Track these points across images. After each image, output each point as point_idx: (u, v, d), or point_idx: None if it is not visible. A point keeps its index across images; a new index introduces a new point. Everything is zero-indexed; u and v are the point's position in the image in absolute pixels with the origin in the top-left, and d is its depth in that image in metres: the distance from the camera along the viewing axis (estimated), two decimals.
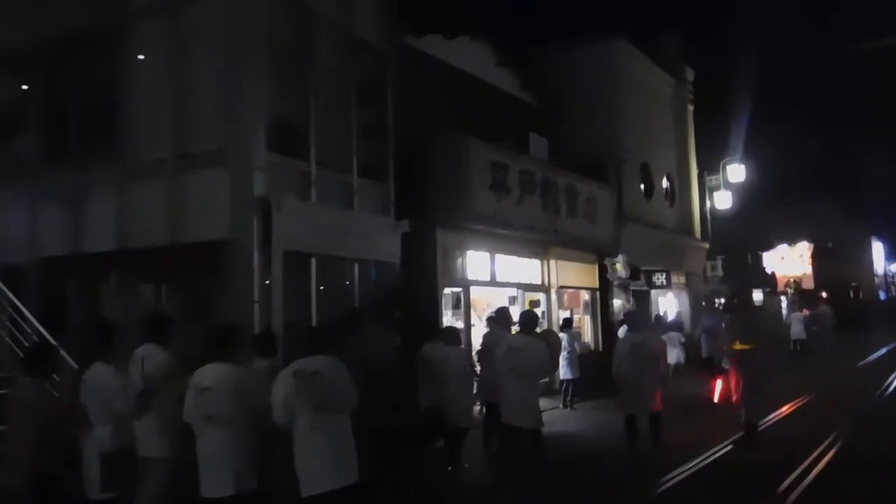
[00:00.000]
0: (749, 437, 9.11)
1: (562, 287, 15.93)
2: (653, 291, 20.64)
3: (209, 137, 9.29)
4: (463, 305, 13.12)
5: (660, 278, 20.63)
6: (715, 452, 9.11)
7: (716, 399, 9.80)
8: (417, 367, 8.57)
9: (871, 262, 49.36)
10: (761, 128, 29.44)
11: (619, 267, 17.75)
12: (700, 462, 8.73)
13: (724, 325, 9.90)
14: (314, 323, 9.42)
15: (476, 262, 13.47)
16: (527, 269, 15.03)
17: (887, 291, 51.95)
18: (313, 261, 9.67)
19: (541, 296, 15.42)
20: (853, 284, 45.30)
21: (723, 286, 27.33)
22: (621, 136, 18.53)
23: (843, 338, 25.82)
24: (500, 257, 14.07)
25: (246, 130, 9.05)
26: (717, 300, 20.87)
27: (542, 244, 15.20)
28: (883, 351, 24.59)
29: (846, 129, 51.42)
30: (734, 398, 9.32)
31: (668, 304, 21.05)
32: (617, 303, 18.28)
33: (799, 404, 13.32)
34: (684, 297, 21.91)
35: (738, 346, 9.29)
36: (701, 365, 14.40)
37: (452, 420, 8.45)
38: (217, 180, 9.09)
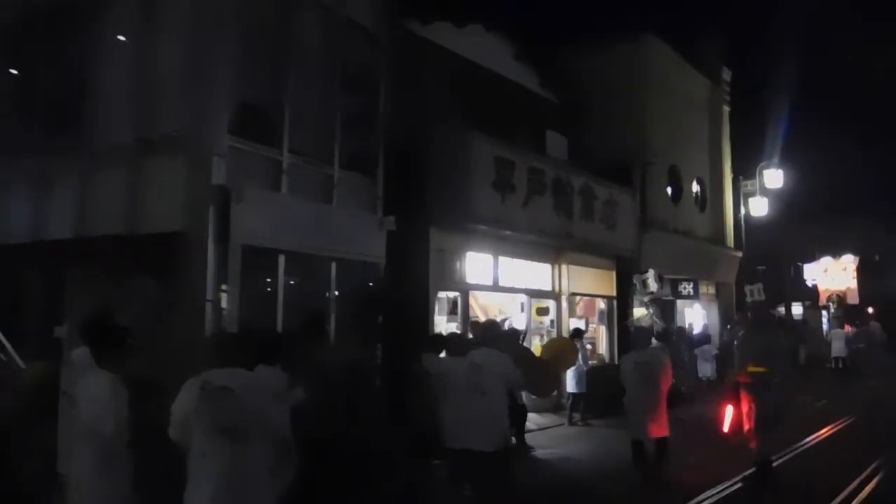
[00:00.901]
0: (762, 474, 7.96)
1: (574, 294, 14.82)
2: (678, 302, 19.41)
3: (171, 120, 8.49)
4: (460, 311, 12.15)
5: (686, 288, 19.40)
6: (725, 489, 7.99)
7: (725, 429, 8.62)
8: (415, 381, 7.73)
9: None
10: (804, 132, 27.90)
11: (651, 282, 16.59)
12: (706, 499, 7.63)
13: (735, 343, 8.74)
14: (279, 328, 8.58)
15: (477, 265, 12.49)
16: (535, 273, 13.99)
17: None
18: (281, 258, 8.82)
19: (550, 303, 14.35)
20: None
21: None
22: (648, 137, 17.37)
23: (893, 356, 24.38)
24: (504, 260, 13.06)
25: (206, 112, 8.22)
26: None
27: (553, 248, 14.15)
28: None
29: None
30: (746, 428, 8.15)
31: (695, 315, 19.74)
32: (639, 311, 17.12)
33: (839, 427, 12.37)
34: (714, 308, 20.58)
35: (751, 369, 8.13)
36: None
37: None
38: (175, 166, 8.29)
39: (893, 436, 10.73)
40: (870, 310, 33.45)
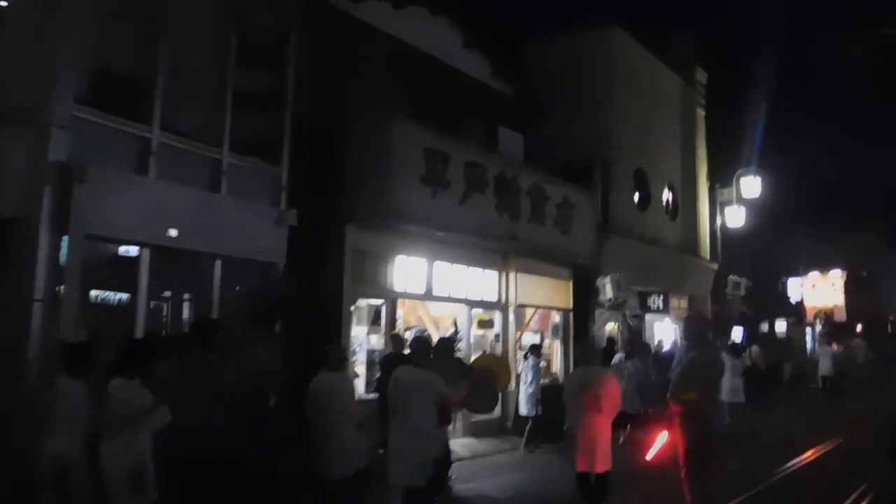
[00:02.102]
0: None
1: (523, 305, 13.53)
2: (648, 317, 18.15)
3: (16, 88, 7.21)
4: (385, 321, 10.86)
5: (656, 301, 18.13)
6: None
7: (648, 457, 7.38)
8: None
9: None
10: (789, 140, 26.74)
11: (609, 288, 15.40)
12: None
13: (674, 364, 7.49)
14: (139, 334, 7.30)
15: (407, 269, 11.21)
16: (479, 281, 12.69)
17: None
18: (145, 253, 7.54)
19: (495, 314, 13.05)
20: (890, 318, 41.79)
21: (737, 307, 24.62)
22: (612, 136, 16.17)
23: (878, 375, 23.29)
24: (441, 266, 11.77)
25: (50, 77, 6.95)
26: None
27: (499, 253, 12.87)
28: None
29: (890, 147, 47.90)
30: (682, 469, 6.82)
31: (666, 331, 18.44)
32: (610, 326, 15.86)
33: (825, 450, 11.68)
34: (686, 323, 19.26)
35: (684, 396, 6.85)
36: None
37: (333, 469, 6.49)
38: (17, 142, 7.00)
39: (879, 458, 9.72)
40: (858, 327, 32.30)
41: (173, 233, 7.60)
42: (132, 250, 7.52)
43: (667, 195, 18.90)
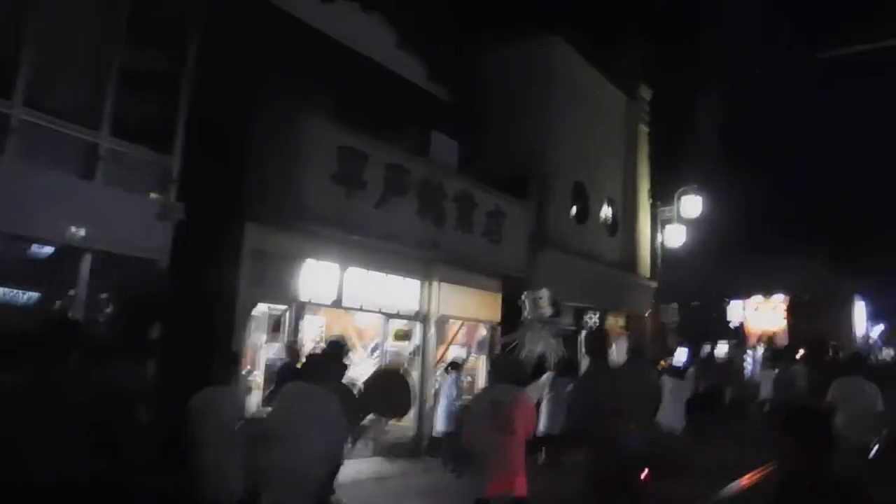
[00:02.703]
0: None
1: (445, 317, 12.89)
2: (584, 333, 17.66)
3: None
4: (287, 330, 10.11)
5: (592, 318, 17.71)
6: None
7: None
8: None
9: (851, 323, 46.45)
10: (735, 161, 26.75)
11: (544, 303, 14.85)
12: None
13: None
14: None
15: (316, 274, 10.48)
16: (398, 291, 12.02)
17: (867, 354, 48.77)
18: None
19: (415, 326, 12.38)
20: (833, 343, 42.28)
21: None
22: (551, 148, 15.72)
23: (818, 399, 23.08)
24: (355, 272, 11.07)
25: None
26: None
27: (422, 262, 12.23)
28: None
29: (834, 172, 48.76)
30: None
31: None
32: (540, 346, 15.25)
33: (760, 475, 11.20)
34: (622, 342, 18.83)
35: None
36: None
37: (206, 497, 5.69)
38: None
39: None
40: (800, 352, 32.45)
41: (32, 221, 6.78)
42: None
43: (606, 210, 18.53)
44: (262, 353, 10.18)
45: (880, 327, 53.86)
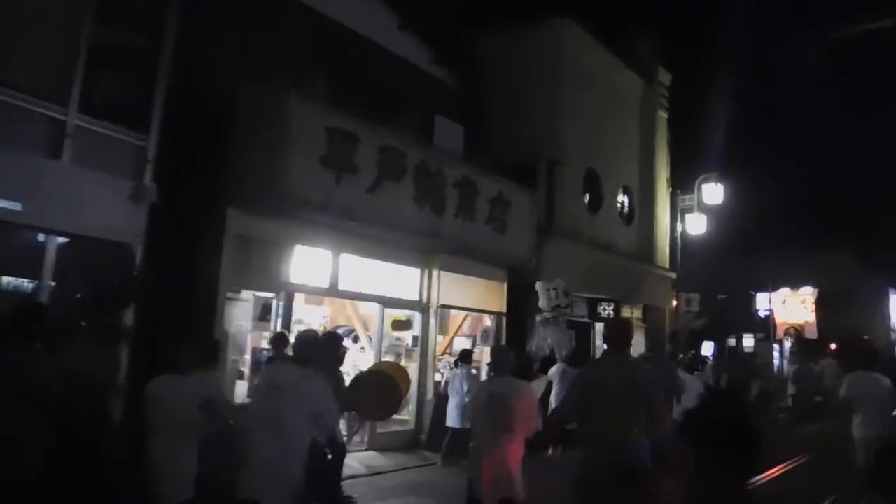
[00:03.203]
0: None
1: (446, 306, 12.45)
2: (598, 325, 17.12)
3: None
4: (279, 318, 9.76)
5: (606, 309, 17.14)
6: None
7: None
8: None
9: (886, 316, 45.03)
10: (759, 148, 25.93)
11: (558, 294, 14.39)
12: None
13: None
14: None
15: (307, 261, 10.12)
16: (396, 279, 11.62)
17: None
18: None
19: (414, 315, 11.95)
20: (865, 338, 40.92)
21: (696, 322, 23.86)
22: (560, 134, 15.17)
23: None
24: (348, 259, 10.69)
25: None
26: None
27: (422, 250, 11.81)
28: None
29: (867, 164, 47.25)
30: None
31: None
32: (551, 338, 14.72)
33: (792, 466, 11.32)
34: (640, 335, 18.23)
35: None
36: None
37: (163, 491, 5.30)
38: None
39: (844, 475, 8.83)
40: (832, 346, 31.47)
41: None
42: None
43: (622, 199, 17.92)
44: (249, 340, 9.83)
45: None
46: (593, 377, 5.89)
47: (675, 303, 21.03)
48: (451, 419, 10.95)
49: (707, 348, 29.03)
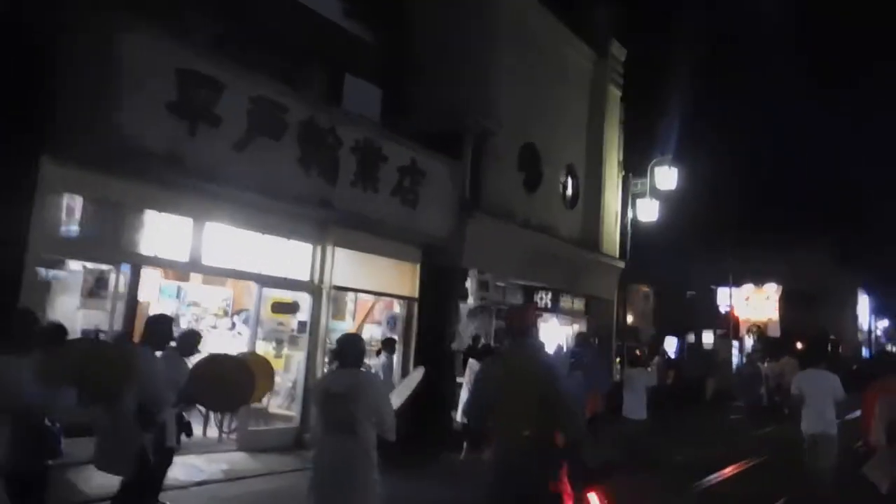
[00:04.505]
0: None
1: (342, 288, 10.98)
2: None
3: None
4: (117, 292, 8.24)
5: (543, 298, 15.82)
6: None
7: None
8: None
9: (855, 315, 44.32)
10: (725, 137, 24.74)
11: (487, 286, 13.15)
12: None
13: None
14: None
15: (163, 229, 8.61)
16: (281, 254, 10.14)
17: (870, 349, 46.63)
18: None
19: (302, 297, 10.46)
20: (832, 337, 40.25)
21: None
22: (495, 102, 13.69)
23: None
24: (217, 228, 9.19)
25: None
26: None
27: (312, 221, 10.32)
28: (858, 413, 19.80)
29: (836, 161, 46.61)
30: None
31: (552, 334, 16.04)
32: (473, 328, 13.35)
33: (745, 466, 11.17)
34: (581, 327, 16.88)
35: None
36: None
37: None
38: None
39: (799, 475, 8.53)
40: (798, 345, 30.55)
41: None
42: None
43: (565, 179, 16.51)
44: (77, 319, 8.28)
45: (885, 323, 51.74)
46: (487, 371, 5.02)
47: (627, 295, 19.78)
48: None
49: (670, 343, 27.96)
